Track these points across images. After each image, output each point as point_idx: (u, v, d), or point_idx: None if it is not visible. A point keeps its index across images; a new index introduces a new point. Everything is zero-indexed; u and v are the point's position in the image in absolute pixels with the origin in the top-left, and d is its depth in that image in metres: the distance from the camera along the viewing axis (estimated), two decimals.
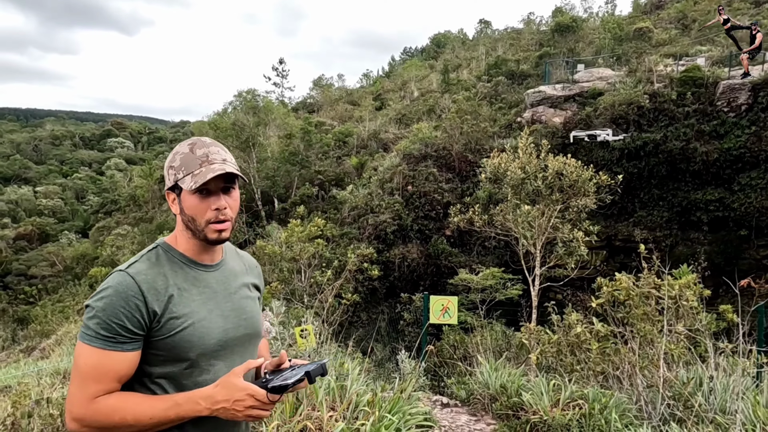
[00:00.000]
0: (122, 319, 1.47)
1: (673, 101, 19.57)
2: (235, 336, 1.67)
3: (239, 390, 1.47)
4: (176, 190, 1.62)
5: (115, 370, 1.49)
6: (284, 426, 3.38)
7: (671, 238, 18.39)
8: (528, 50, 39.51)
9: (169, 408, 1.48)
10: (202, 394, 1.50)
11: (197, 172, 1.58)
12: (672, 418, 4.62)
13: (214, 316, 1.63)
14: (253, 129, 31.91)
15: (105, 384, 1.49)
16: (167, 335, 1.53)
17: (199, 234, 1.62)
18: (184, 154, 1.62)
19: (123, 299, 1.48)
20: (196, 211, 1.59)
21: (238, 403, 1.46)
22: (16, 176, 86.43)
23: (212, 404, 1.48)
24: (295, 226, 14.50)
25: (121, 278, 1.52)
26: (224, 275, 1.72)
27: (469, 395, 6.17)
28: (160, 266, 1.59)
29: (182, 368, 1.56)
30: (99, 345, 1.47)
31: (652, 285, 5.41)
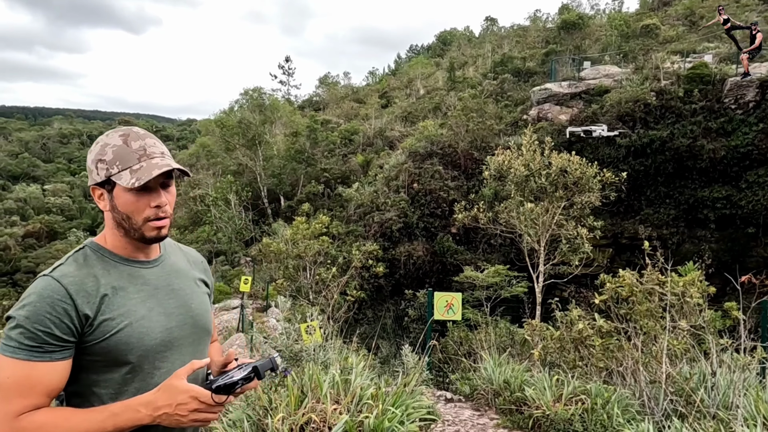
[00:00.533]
0: (49, 326, 1.34)
1: (680, 98, 19.50)
2: (181, 335, 1.55)
3: (181, 392, 1.35)
4: (107, 185, 1.47)
5: (43, 383, 1.35)
6: (289, 418, 3.44)
7: (678, 236, 18.35)
8: (534, 48, 39.41)
9: (105, 419, 1.35)
10: (141, 400, 1.37)
11: (137, 168, 1.45)
12: (674, 414, 4.65)
13: (155, 314, 1.50)
14: (260, 127, 32.04)
15: (32, 399, 1.34)
16: (102, 338, 1.40)
17: (135, 233, 1.49)
18: (117, 147, 1.46)
19: (48, 305, 1.35)
20: (133, 209, 1.46)
21: (181, 407, 1.35)
22: (24, 174, 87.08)
23: (153, 410, 1.35)
24: (300, 223, 14.58)
25: (46, 283, 1.39)
26: (165, 271, 1.59)
27: (473, 390, 6.21)
28: (89, 267, 1.46)
29: (123, 373, 1.44)
30: (23, 356, 1.33)
31: (656, 282, 5.42)
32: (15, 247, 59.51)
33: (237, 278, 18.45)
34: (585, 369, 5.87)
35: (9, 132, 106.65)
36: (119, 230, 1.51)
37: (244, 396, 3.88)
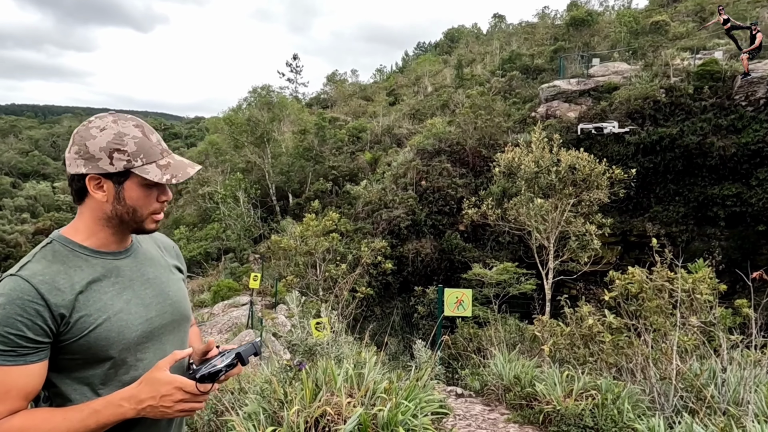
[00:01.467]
0: (21, 329, 1.28)
1: (690, 95, 19.40)
2: (162, 324, 1.52)
3: (165, 384, 1.33)
4: (119, 177, 1.41)
5: (18, 386, 1.30)
6: (304, 411, 3.49)
7: (687, 234, 18.28)
8: (543, 44, 39.27)
9: (86, 417, 1.31)
10: (124, 394, 1.34)
11: (164, 163, 1.43)
12: (684, 409, 4.67)
13: (133, 306, 1.46)
14: (268, 125, 32.14)
15: (7, 404, 1.29)
16: (80, 336, 1.36)
17: (135, 225, 1.47)
18: (139, 138, 1.42)
19: (19, 307, 1.29)
20: (143, 203, 1.44)
21: (165, 398, 1.33)
22: (34, 172, 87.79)
23: (137, 404, 1.33)
24: (309, 220, 14.66)
25: (14, 284, 1.32)
26: (138, 260, 1.55)
27: (483, 386, 6.25)
28: (59, 263, 1.40)
29: (105, 369, 1.41)
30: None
31: (665, 278, 5.44)
32: (26, 244, 60.02)
33: (246, 275, 18.57)
34: (595, 365, 5.90)
35: (19, 130, 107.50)
36: (110, 222, 1.45)
37: (259, 389, 3.95)
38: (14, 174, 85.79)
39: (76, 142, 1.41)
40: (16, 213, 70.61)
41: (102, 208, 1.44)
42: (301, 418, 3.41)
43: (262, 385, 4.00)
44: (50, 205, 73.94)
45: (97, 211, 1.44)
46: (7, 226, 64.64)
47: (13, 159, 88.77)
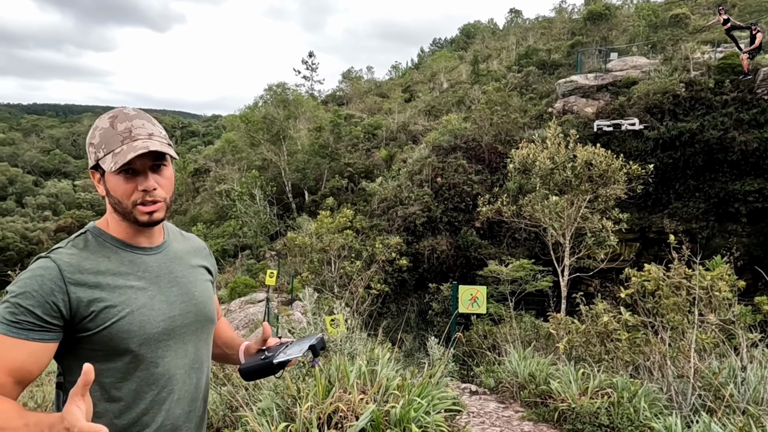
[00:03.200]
0: (32, 303, 1.30)
1: (711, 89, 19.08)
2: (184, 323, 1.52)
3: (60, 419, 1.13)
4: (99, 169, 1.45)
5: (6, 358, 1.27)
6: (317, 407, 3.51)
7: (707, 230, 17.99)
8: (559, 39, 38.90)
9: (19, 428, 1.20)
10: (50, 420, 1.18)
11: (118, 150, 1.40)
12: (702, 408, 4.61)
13: (157, 302, 1.47)
14: (284, 122, 32.28)
15: None
16: (102, 327, 1.36)
17: (128, 216, 1.46)
18: (104, 130, 1.43)
19: (38, 283, 1.32)
20: (121, 193, 1.43)
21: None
22: (56, 170, 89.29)
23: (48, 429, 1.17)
24: (325, 217, 14.71)
25: (42, 263, 1.36)
26: (167, 258, 1.56)
27: (498, 383, 6.22)
28: (89, 251, 1.43)
29: (125, 362, 1.40)
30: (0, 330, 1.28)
31: (683, 275, 5.36)
32: (47, 242, 61.08)
33: (262, 272, 18.71)
34: (611, 363, 5.84)
35: (41, 129, 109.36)
36: (116, 214, 1.48)
37: (273, 385, 3.98)
38: (36, 172, 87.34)
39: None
40: (38, 211, 71.92)
41: (108, 201, 1.48)
42: (314, 414, 3.42)
43: (276, 381, 4.02)
44: (71, 202, 75.16)
45: (108, 204, 1.50)
46: (29, 223, 65.87)
47: (35, 158, 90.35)
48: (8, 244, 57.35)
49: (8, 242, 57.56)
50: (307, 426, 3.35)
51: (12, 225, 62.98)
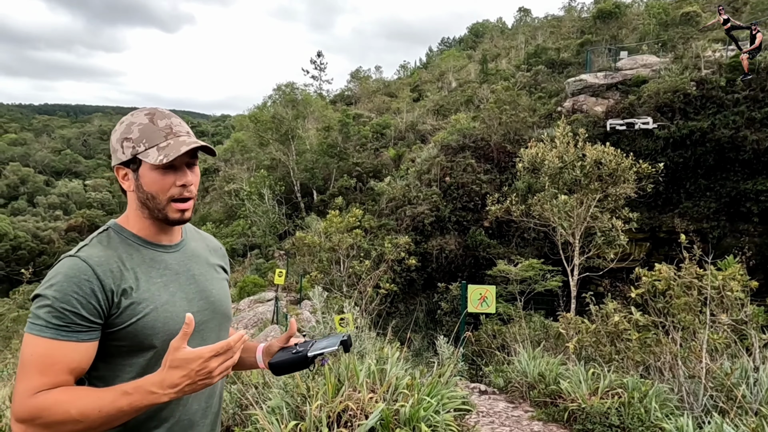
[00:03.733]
0: (76, 306, 1.32)
1: (722, 88, 18.92)
2: (202, 320, 1.53)
3: (193, 360, 1.28)
4: (132, 164, 1.45)
5: (65, 361, 1.32)
6: (326, 406, 3.52)
7: (719, 230, 17.84)
8: (569, 38, 38.71)
9: (118, 398, 1.28)
10: (152, 380, 1.29)
11: (164, 145, 1.43)
12: (714, 409, 4.57)
13: (178, 299, 1.48)
14: (292, 122, 32.35)
15: (51, 377, 1.30)
16: (129, 323, 1.38)
17: (159, 213, 1.47)
18: (143, 125, 1.45)
19: (76, 284, 1.33)
20: (158, 188, 1.44)
21: (201, 372, 1.29)
22: (66, 170, 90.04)
23: (171, 388, 1.28)
24: (333, 217, 14.73)
25: (72, 263, 1.36)
26: (186, 256, 1.58)
27: (507, 383, 6.21)
28: (113, 249, 1.44)
29: (148, 358, 1.42)
30: (49, 335, 1.30)
31: (694, 275, 5.32)
32: (58, 241, 61.65)
33: (271, 271, 18.77)
34: (621, 363, 5.81)
35: (52, 129, 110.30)
36: (143, 211, 1.48)
37: (282, 383, 3.99)
38: (47, 172, 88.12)
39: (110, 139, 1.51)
40: (50, 210, 72.57)
41: (134, 198, 1.48)
42: (324, 412, 3.43)
43: (285, 379, 4.03)
44: (82, 202, 75.74)
45: (132, 201, 1.49)
46: (41, 222, 66.48)
47: (47, 158, 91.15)
48: (20, 243, 57.91)
49: (20, 241, 58.11)
50: (316, 424, 3.36)
51: (24, 224, 63.57)
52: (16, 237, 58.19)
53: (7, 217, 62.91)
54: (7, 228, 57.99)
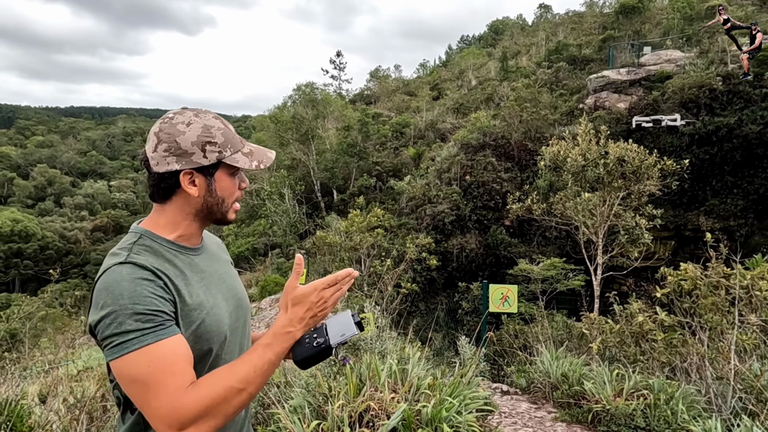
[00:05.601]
0: (156, 304, 1.27)
1: (749, 82, 18.50)
2: (236, 318, 1.54)
3: (310, 294, 1.40)
4: (210, 169, 1.42)
5: (182, 354, 1.27)
6: (348, 405, 3.52)
7: (747, 228, 17.45)
8: (590, 34, 38.21)
9: (263, 353, 1.33)
10: (284, 322, 1.39)
11: (247, 151, 1.47)
12: (744, 411, 4.47)
13: (219, 301, 1.47)
14: (312, 122, 32.51)
15: (184, 373, 1.25)
16: (189, 330, 1.35)
17: (220, 215, 1.48)
18: (223, 130, 1.45)
19: (145, 287, 1.27)
20: (229, 193, 1.47)
21: (320, 303, 1.40)
22: (92, 171, 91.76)
23: (300, 322, 1.39)
24: (354, 216, 14.76)
25: (131, 269, 1.29)
26: (208, 257, 1.56)
27: (530, 384, 6.16)
28: (155, 255, 1.38)
29: (206, 364, 1.40)
30: (151, 340, 1.23)
31: (722, 274, 5.21)
32: (84, 241, 62.89)
33: (292, 270, 18.88)
34: (646, 364, 5.72)
35: (78, 131, 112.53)
36: (197, 216, 1.46)
37: (304, 383, 4.01)
38: (73, 173, 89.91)
39: (164, 140, 1.39)
40: (76, 211, 74.05)
41: (192, 203, 1.44)
42: (346, 412, 3.43)
43: (307, 379, 4.05)
44: (107, 203, 77.18)
45: (185, 206, 1.44)
46: (67, 223, 67.87)
47: (73, 159, 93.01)
48: (48, 243, 59.18)
49: (48, 241, 59.40)
50: (338, 424, 3.36)
51: (51, 224, 64.98)
52: (44, 237, 59.49)
53: (35, 218, 64.35)
54: (35, 228, 59.33)
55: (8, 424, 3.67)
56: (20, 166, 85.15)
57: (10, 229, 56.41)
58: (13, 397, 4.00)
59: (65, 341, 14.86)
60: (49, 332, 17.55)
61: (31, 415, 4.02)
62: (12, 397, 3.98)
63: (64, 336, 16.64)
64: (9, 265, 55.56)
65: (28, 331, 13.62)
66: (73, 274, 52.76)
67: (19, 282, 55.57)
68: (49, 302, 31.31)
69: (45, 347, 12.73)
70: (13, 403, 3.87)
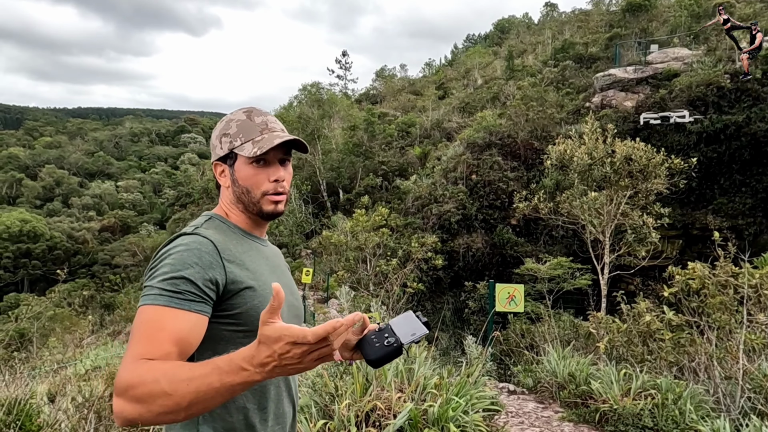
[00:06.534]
0: (193, 274, 1.28)
1: (758, 80, 18.38)
2: (291, 314, 1.53)
3: (275, 341, 1.07)
4: (229, 159, 1.49)
5: (172, 329, 1.23)
6: (355, 405, 3.53)
7: (755, 226, 17.33)
8: (597, 32, 38.05)
9: (209, 373, 1.11)
10: (244, 354, 1.11)
11: (258, 139, 1.46)
12: (753, 411, 4.45)
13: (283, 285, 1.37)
14: (318, 121, 32.55)
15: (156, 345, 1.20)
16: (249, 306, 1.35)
17: (253, 207, 1.49)
18: (242, 121, 1.48)
19: (196, 255, 1.30)
20: (252, 183, 1.47)
21: (284, 357, 1.08)
22: (99, 172, 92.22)
23: (261, 367, 1.09)
24: (360, 216, 14.77)
25: (193, 238, 1.35)
26: (272, 252, 1.61)
27: (536, 383, 6.14)
28: (223, 233, 1.44)
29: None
30: (162, 302, 1.25)
31: (730, 273, 5.18)
32: (92, 241, 63.22)
33: (298, 270, 18.92)
34: (654, 363, 5.69)
35: (85, 132, 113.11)
36: (239, 205, 1.51)
37: (311, 382, 4.01)
38: (81, 174, 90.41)
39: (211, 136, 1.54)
40: (83, 211, 74.45)
41: (229, 193, 1.51)
42: (352, 411, 3.44)
43: (314, 378, 4.06)
44: (114, 203, 77.55)
45: (226, 196, 1.52)
46: (75, 223, 68.26)
47: (80, 160, 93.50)
48: (56, 243, 59.55)
49: (56, 241, 59.76)
50: (345, 423, 3.37)
51: (59, 225, 65.37)
52: (52, 237, 59.86)
53: (43, 218, 64.77)
54: (43, 229, 59.72)
55: (17, 423, 3.70)
56: (29, 167, 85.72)
57: (18, 230, 56.82)
58: (23, 396, 4.03)
59: (73, 341, 14.96)
60: (57, 332, 17.64)
61: (40, 414, 4.05)
62: (21, 396, 4.01)
63: (72, 335, 16.75)
64: (18, 265, 55.96)
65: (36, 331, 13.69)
66: (81, 274, 53.04)
67: (28, 282, 55.97)
68: (57, 302, 31.45)
69: (53, 347, 12.82)
70: (23, 402, 3.90)
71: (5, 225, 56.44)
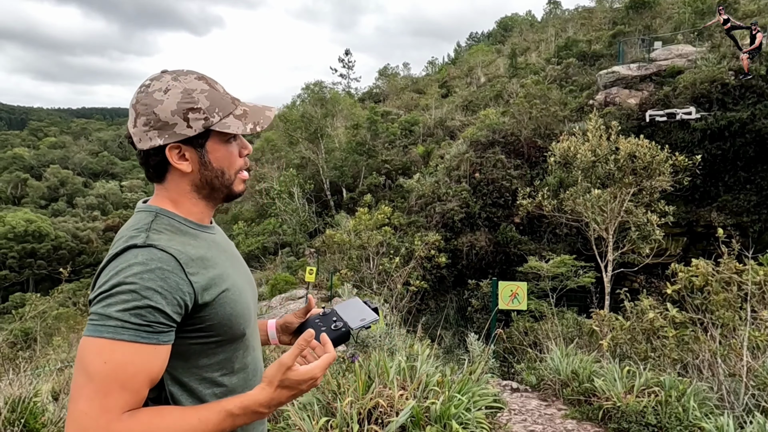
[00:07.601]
0: (160, 301, 1.09)
1: (762, 77, 18.28)
2: (254, 299, 1.42)
3: (303, 382, 1.17)
4: (199, 140, 1.23)
5: (147, 369, 1.09)
6: (357, 402, 3.53)
7: (759, 224, 17.26)
8: (600, 29, 37.92)
9: (222, 420, 1.12)
10: (259, 401, 1.15)
11: (240, 113, 1.26)
12: (757, 408, 4.43)
13: (245, 281, 1.35)
14: (321, 120, 32.56)
15: (134, 392, 1.08)
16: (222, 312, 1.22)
17: (225, 190, 1.30)
18: (208, 91, 1.23)
19: (159, 277, 1.10)
20: (229, 162, 1.28)
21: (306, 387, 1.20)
22: (103, 172, 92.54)
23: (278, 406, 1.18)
24: (362, 214, 14.78)
25: (150, 254, 1.12)
26: (221, 236, 1.40)
27: (540, 381, 6.13)
28: (178, 234, 1.23)
29: (236, 349, 1.28)
30: (128, 337, 1.06)
31: (734, 270, 5.16)
32: (97, 240, 63.45)
33: (302, 269, 18.94)
34: (657, 361, 5.68)
35: (89, 132, 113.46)
36: (201, 192, 1.29)
37: None
38: (85, 174, 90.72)
39: (142, 113, 1.21)
40: (88, 211, 74.73)
41: (189, 179, 1.26)
42: (354, 409, 3.44)
43: None
44: (118, 203, 77.81)
45: (183, 184, 1.27)
46: (80, 223, 68.52)
47: (85, 160, 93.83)
48: (60, 243, 59.79)
49: (60, 241, 60.01)
50: (347, 421, 3.37)
51: (64, 225, 65.61)
52: (57, 237, 60.10)
53: (48, 218, 65.02)
54: (48, 229, 59.95)
55: (21, 421, 3.71)
56: (33, 167, 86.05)
57: (24, 230, 57.04)
58: (27, 395, 4.04)
59: (78, 340, 15.01)
60: (62, 331, 17.70)
61: (44, 413, 4.06)
62: (25, 395, 4.03)
63: (77, 335, 16.81)
64: (23, 265, 56.18)
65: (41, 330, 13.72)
66: (86, 274, 53.19)
67: (33, 282, 56.21)
68: (62, 301, 31.58)
69: (58, 346, 12.86)
70: (27, 401, 3.92)
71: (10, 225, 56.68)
